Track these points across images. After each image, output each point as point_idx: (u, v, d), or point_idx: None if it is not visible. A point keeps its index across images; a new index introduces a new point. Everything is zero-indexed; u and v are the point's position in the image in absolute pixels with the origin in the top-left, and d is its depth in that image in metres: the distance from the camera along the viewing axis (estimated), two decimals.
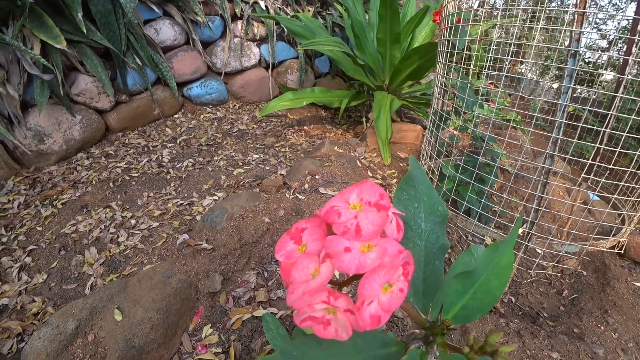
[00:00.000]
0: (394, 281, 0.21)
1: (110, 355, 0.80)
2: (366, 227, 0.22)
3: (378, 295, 0.21)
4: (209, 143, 1.93)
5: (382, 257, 0.20)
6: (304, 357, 0.24)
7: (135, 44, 1.90)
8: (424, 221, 0.33)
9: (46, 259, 1.25)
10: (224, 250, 1.09)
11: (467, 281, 0.28)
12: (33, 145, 1.64)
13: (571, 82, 0.83)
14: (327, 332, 0.23)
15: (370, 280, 0.20)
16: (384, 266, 0.20)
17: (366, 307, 0.21)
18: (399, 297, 0.21)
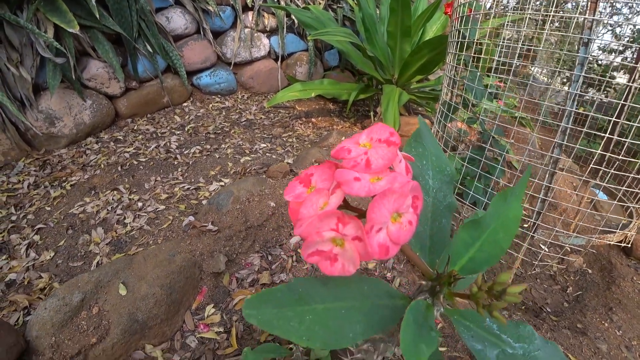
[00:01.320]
0: (403, 211, 0.21)
1: (113, 328, 0.81)
2: (376, 161, 0.22)
3: (387, 224, 0.21)
4: (216, 131, 1.94)
5: (392, 183, 0.20)
6: (308, 293, 0.24)
7: (147, 31, 1.91)
8: (432, 178, 0.33)
9: (54, 237, 1.26)
10: (229, 232, 1.09)
11: (474, 232, 0.28)
12: (44, 128, 1.66)
13: (582, 71, 0.82)
14: (334, 269, 0.23)
15: (380, 204, 0.20)
16: (393, 191, 0.20)
17: (375, 234, 0.20)
18: (408, 229, 0.21)
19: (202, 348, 0.91)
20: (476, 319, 0.29)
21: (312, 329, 0.22)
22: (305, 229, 0.21)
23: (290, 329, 0.22)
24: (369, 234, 0.20)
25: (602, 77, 1.98)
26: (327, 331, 0.23)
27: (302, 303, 0.23)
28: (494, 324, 0.28)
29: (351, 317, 0.24)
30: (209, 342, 0.92)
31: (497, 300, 0.23)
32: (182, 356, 0.88)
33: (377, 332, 0.25)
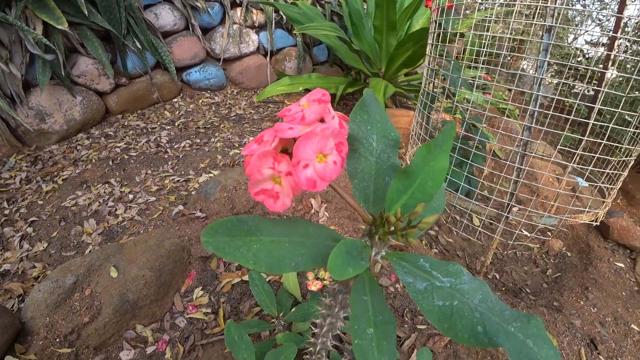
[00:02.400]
0: (328, 152, 0.26)
1: (105, 308, 0.86)
2: (309, 115, 0.27)
3: (313, 162, 0.25)
4: (206, 126, 1.97)
5: (315, 128, 0.25)
6: (257, 228, 0.29)
7: (136, 27, 1.95)
8: (376, 141, 0.38)
9: (47, 229, 1.30)
10: (216, 218, 1.13)
11: (406, 182, 0.32)
12: (35, 124, 1.69)
13: (547, 56, 0.87)
14: (276, 205, 0.27)
15: (305, 144, 0.25)
16: (315, 134, 0.25)
17: (302, 169, 0.25)
18: (334, 168, 0.26)
19: (191, 328, 0.95)
20: (411, 260, 0.34)
21: (259, 256, 0.27)
22: (249, 168, 0.26)
23: (239, 254, 0.27)
24: (296, 169, 0.25)
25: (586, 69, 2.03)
26: (271, 258, 0.27)
27: (250, 234, 0.28)
28: (426, 263, 0.33)
29: (294, 250, 0.29)
30: (198, 322, 0.96)
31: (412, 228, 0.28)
32: (171, 335, 0.93)
33: (318, 265, 0.29)
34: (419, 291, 0.29)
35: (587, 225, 1.71)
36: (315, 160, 0.25)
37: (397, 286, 1.16)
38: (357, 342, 0.28)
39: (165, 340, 0.91)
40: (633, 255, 1.60)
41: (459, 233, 1.56)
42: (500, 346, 0.27)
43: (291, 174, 0.25)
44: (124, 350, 0.88)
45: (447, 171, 1.10)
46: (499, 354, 1.00)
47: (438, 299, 0.29)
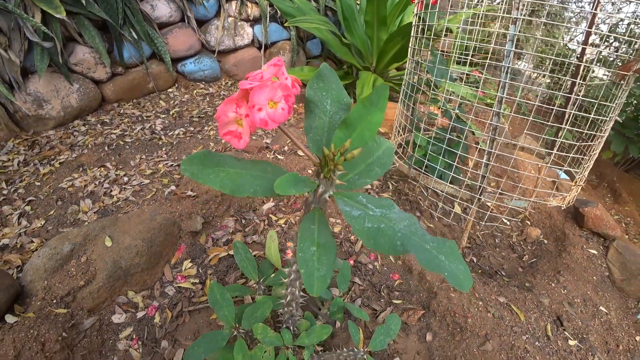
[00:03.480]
0: (277, 101, 0.34)
1: (99, 273, 0.93)
2: (266, 74, 0.35)
3: (265, 107, 0.33)
4: (200, 115, 2.05)
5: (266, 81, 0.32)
6: (225, 161, 0.36)
7: (132, 18, 2.01)
8: (330, 105, 0.45)
9: (44, 208, 1.37)
10: (206, 197, 1.21)
11: (347, 132, 0.40)
12: (32, 110, 1.76)
13: (512, 46, 0.95)
14: (239, 143, 0.35)
15: (258, 92, 0.32)
16: (266, 85, 0.32)
17: (257, 111, 0.33)
18: (282, 113, 0.34)
19: (179, 296, 1.03)
20: (351, 196, 0.41)
21: (224, 182, 0.35)
22: (218, 113, 0.33)
23: (209, 179, 0.34)
24: (252, 111, 0.33)
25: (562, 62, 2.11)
26: (234, 185, 0.35)
27: (219, 165, 0.35)
28: (364, 198, 0.41)
29: (254, 181, 0.37)
30: (186, 291, 1.04)
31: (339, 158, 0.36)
32: (160, 302, 1.01)
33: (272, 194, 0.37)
34: (354, 217, 0.37)
35: (565, 215, 1.80)
36: (267, 106, 0.33)
37: (376, 264, 1.25)
38: (301, 255, 0.36)
39: (155, 306, 0.99)
40: (606, 243, 1.68)
41: (440, 219, 1.65)
42: (412, 253, 0.34)
43: (249, 116, 0.33)
44: (116, 314, 0.96)
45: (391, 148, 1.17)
46: (467, 327, 1.08)
47: (368, 222, 0.37)
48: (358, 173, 0.45)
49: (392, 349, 1.04)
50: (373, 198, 0.40)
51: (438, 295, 1.14)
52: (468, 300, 1.14)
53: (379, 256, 1.26)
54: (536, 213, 1.84)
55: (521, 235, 1.73)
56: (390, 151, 0.48)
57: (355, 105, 0.40)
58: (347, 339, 0.96)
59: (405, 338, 1.07)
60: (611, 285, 1.53)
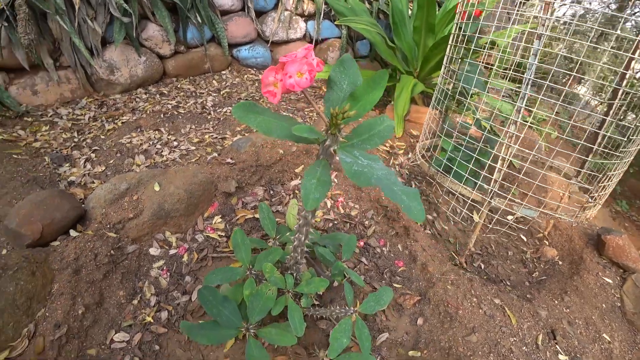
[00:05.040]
0: (303, 72, 0.49)
1: (146, 211, 1.14)
2: (298, 54, 0.50)
3: (294, 75, 0.49)
4: (247, 98, 2.26)
5: (296, 59, 0.48)
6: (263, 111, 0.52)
7: (199, 3, 2.26)
8: (346, 84, 0.60)
9: (105, 157, 1.62)
10: (242, 165, 1.40)
11: (353, 102, 0.55)
12: (106, 75, 2.04)
13: (535, 60, 1.05)
14: (274, 100, 0.51)
15: (289, 64, 0.48)
16: (296, 60, 0.48)
17: (288, 78, 0.48)
18: (305, 82, 0.49)
19: (206, 243, 1.22)
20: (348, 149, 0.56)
21: (260, 124, 0.51)
22: (262, 77, 0.49)
23: (250, 121, 0.50)
24: (285, 77, 0.48)
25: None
26: (267, 128, 0.51)
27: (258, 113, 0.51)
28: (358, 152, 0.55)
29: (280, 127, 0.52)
30: (212, 241, 1.23)
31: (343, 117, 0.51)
32: (190, 245, 1.20)
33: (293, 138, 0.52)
34: (347, 162, 0.52)
35: (587, 240, 1.82)
36: (296, 75, 0.48)
37: (384, 249, 1.37)
38: (304, 183, 0.51)
39: (185, 248, 1.18)
40: (625, 275, 1.69)
41: (457, 223, 1.74)
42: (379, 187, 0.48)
43: (282, 80, 0.48)
44: (153, 247, 1.16)
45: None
46: (457, 318, 1.18)
47: (356, 167, 0.51)
48: (361, 140, 0.60)
49: (383, 324, 1.17)
50: (365, 154, 0.55)
51: (436, 286, 1.25)
52: (463, 294, 1.24)
53: (388, 242, 1.39)
54: (556, 235, 1.87)
55: (536, 253, 1.77)
56: (390, 128, 0.62)
57: (361, 84, 0.55)
58: (343, 301, 1.10)
59: (398, 318, 1.19)
60: (621, 316, 1.54)
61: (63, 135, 1.75)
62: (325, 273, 1.06)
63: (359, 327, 0.90)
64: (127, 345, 0.97)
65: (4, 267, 0.88)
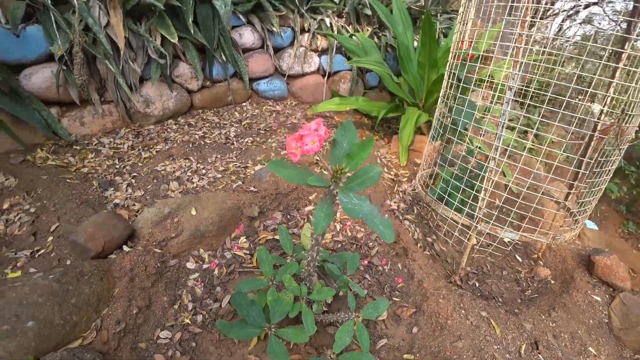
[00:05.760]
0: (315, 141, 0.75)
1: (185, 231, 1.40)
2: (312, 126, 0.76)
3: (309, 144, 0.74)
4: (266, 129, 2.55)
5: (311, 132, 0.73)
6: (283, 165, 0.78)
7: (224, 44, 2.59)
8: (346, 144, 0.86)
9: (144, 183, 1.91)
10: (264, 193, 1.66)
11: (348, 159, 0.80)
12: (142, 108, 2.37)
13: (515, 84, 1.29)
14: (296, 158, 0.77)
15: (306, 137, 0.74)
16: (310, 134, 0.74)
17: (304, 145, 0.74)
18: (316, 148, 0.75)
19: (233, 260, 1.47)
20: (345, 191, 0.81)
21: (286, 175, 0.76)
22: (287, 142, 0.75)
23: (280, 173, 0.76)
24: (302, 144, 0.74)
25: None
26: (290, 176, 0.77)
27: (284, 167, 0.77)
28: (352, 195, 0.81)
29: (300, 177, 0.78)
30: (239, 258, 1.48)
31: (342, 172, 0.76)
32: (220, 261, 1.45)
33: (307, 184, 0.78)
34: (344, 201, 0.77)
35: (579, 261, 2.00)
36: (310, 143, 0.74)
37: (385, 267, 1.60)
38: (316, 215, 0.77)
39: (216, 263, 1.44)
40: (614, 293, 1.86)
41: (454, 245, 1.95)
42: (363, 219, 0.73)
43: (300, 146, 0.74)
44: (190, 262, 1.42)
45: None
46: (447, 327, 1.39)
47: (350, 205, 0.76)
48: (357, 183, 0.85)
49: (383, 332, 1.38)
50: (357, 195, 0.80)
51: (429, 300, 1.47)
52: (453, 307, 1.45)
53: (389, 261, 1.62)
54: (551, 255, 2.06)
55: (530, 273, 1.96)
56: (378, 174, 0.87)
57: (353, 146, 0.81)
58: (348, 310, 1.33)
59: (396, 327, 1.41)
60: (608, 332, 1.72)
61: (107, 162, 2.05)
62: (333, 285, 1.29)
63: (360, 330, 1.13)
64: (170, 341, 1.21)
65: (81, 273, 1.14)
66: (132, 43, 2.30)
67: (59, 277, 1.13)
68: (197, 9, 2.43)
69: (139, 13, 2.31)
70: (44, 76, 2.02)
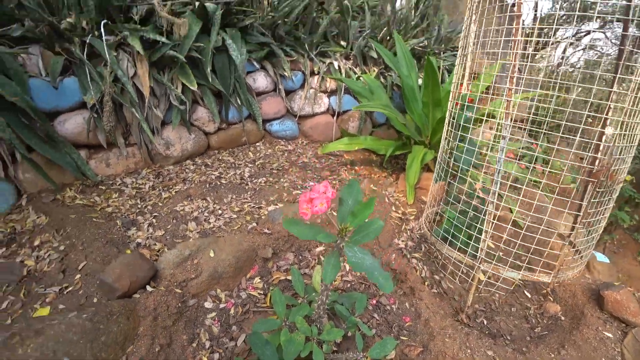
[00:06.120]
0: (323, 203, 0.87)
1: (204, 272, 1.52)
2: (320, 189, 0.89)
3: (318, 205, 0.87)
4: (278, 168, 2.70)
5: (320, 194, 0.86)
6: (296, 224, 0.90)
7: (239, 89, 2.80)
8: (351, 201, 0.98)
9: (164, 223, 2.05)
10: (277, 235, 1.78)
11: (352, 217, 0.92)
12: (163, 150, 2.55)
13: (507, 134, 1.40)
14: (307, 218, 0.90)
15: (315, 199, 0.86)
16: (319, 197, 0.86)
17: (314, 206, 0.87)
18: (325, 208, 0.87)
19: (248, 300, 1.57)
20: (351, 247, 0.93)
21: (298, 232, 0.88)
22: (300, 204, 0.88)
23: (292, 229, 0.88)
24: (312, 206, 0.86)
25: None
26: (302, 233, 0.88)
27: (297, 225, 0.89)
28: (356, 249, 0.92)
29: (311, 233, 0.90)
30: (253, 297, 1.58)
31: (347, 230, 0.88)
32: (236, 301, 1.56)
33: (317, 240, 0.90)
34: (349, 255, 0.89)
35: (589, 296, 2.03)
36: (319, 204, 0.86)
37: (393, 306, 1.68)
38: (325, 267, 0.88)
39: (232, 303, 1.54)
40: (627, 329, 1.87)
41: (461, 283, 2.01)
42: (366, 272, 0.84)
43: (311, 208, 0.86)
44: (207, 302, 1.53)
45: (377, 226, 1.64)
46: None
47: (354, 259, 0.88)
48: (361, 236, 0.97)
49: None
50: (361, 249, 0.91)
51: (436, 339, 1.53)
52: (459, 346, 1.51)
53: (397, 300, 1.69)
54: (560, 291, 2.10)
55: (539, 309, 2.00)
56: (380, 227, 0.99)
57: (356, 206, 0.92)
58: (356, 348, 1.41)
59: None
60: None
61: (129, 202, 2.21)
62: (342, 325, 1.38)
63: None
64: None
65: (110, 313, 1.26)
66: (156, 91, 2.51)
67: (91, 316, 1.25)
68: (214, 59, 2.65)
69: (163, 64, 2.53)
70: (77, 122, 2.22)
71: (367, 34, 3.51)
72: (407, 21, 3.90)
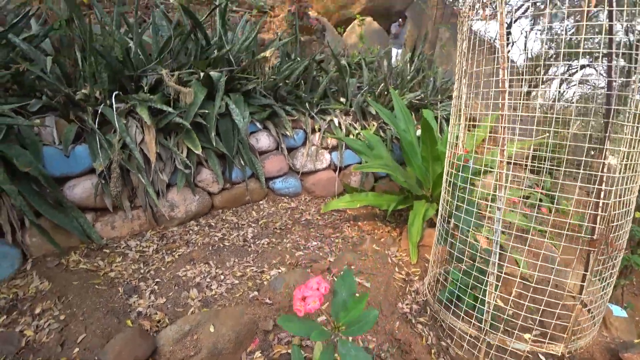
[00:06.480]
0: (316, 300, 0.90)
1: (203, 349, 1.52)
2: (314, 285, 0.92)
3: (311, 303, 0.90)
4: (282, 227, 2.74)
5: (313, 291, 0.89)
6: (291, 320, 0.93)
7: (242, 150, 2.91)
8: (344, 293, 1.01)
9: (166, 290, 2.06)
10: (278, 306, 1.79)
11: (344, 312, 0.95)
12: (167, 212, 2.61)
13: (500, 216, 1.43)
14: (301, 314, 0.92)
15: (309, 297, 0.89)
16: (312, 295, 0.89)
17: (307, 304, 0.90)
18: (318, 306, 0.90)
19: None
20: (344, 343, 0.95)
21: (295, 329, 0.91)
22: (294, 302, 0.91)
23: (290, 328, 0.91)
24: (306, 304, 0.89)
25: None
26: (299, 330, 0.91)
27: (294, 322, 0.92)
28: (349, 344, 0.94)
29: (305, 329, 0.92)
30: None
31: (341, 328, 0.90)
32: None
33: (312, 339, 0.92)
34: (342, 352, 0.90)
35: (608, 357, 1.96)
36: (312, 302, 0.89)
37: None
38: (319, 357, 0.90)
39: None
40: None
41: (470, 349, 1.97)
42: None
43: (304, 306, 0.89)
44: None
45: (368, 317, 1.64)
46: None
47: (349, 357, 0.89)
48: (355, 328, 0.99)
49: None
50: (355, 346, 0.93)
51: None
52: None
53: None
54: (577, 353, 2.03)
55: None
56: (374, 318, 1.00)
57: (350, 300, 0.95)
58: None
59: None
60: None
61: (132, 267, 2.23)
62: None
63: None
64: None
65: None
66: (162, 155, 2.62)
67: None
68: (218, 123, 2.78)
69: (169, 129, 2.66)
70: (85, 187, 2.31)
71: (365, 90, 3.67)
72: (403, 76, 4.08)
